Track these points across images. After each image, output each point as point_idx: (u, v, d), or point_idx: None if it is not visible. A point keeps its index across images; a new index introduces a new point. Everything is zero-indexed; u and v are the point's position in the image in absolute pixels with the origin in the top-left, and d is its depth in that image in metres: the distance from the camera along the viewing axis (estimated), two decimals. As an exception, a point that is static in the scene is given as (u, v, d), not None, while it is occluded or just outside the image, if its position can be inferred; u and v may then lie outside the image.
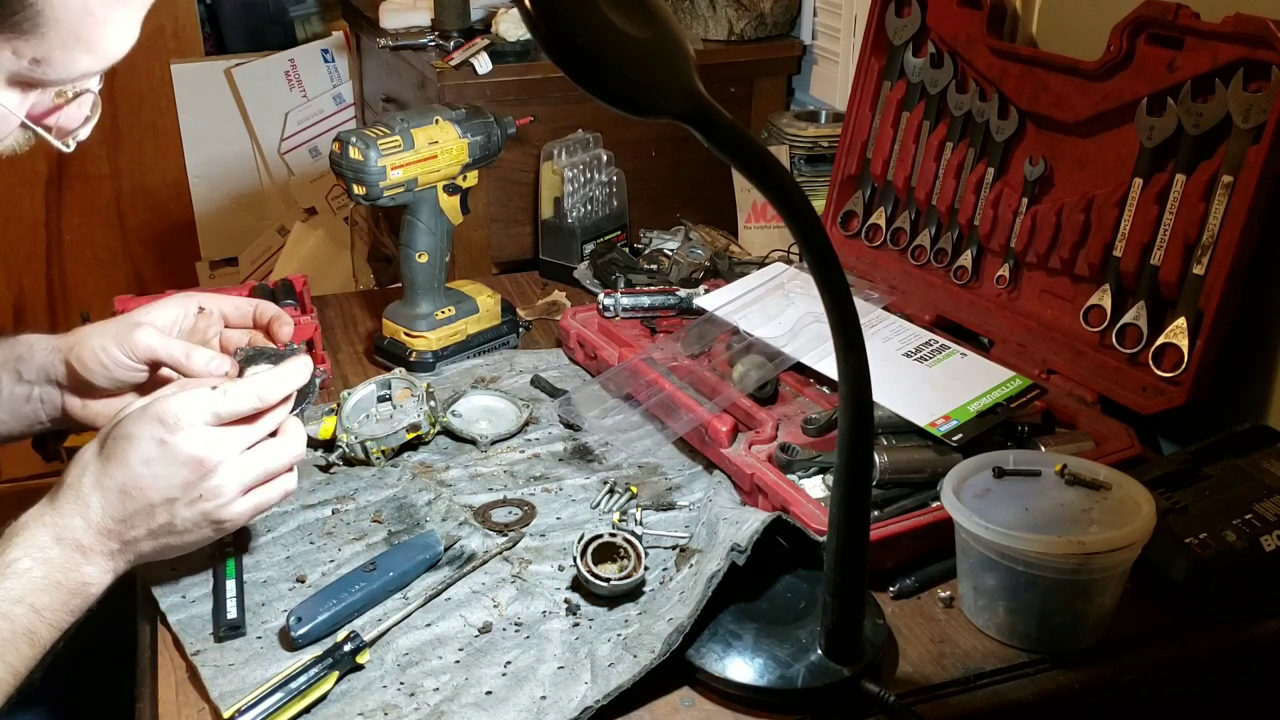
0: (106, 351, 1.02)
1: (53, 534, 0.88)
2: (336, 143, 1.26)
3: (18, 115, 0.85)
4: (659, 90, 0.68)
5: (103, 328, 1.05)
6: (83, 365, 1.03)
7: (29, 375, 1.06)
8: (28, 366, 1.06)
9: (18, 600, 0.85)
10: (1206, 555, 0.92)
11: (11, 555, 0.86)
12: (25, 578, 0.86)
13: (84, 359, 1.03)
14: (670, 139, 1.91)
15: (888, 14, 1.44)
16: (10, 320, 2.93)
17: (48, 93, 0.86)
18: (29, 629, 0.85)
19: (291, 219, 2.94)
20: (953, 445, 1.05)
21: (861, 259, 1.49)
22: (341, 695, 0.87)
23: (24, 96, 0.85)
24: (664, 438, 1.19)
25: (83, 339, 1.04)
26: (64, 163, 2.88)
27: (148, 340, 1.02)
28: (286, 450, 0.95)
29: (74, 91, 0.87)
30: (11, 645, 0.84)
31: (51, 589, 0.86)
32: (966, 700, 0.87)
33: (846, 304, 0.74)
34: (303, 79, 2.92)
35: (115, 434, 0.91)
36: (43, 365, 1.05)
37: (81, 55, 0.83)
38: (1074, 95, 1.23)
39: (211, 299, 1.10)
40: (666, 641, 0.86)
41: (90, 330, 1.05)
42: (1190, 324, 1.12)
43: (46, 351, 1.05)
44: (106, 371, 1.03)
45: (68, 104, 0.88)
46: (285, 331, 1.08)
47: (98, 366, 1.03)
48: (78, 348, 1.03)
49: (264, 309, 1.10)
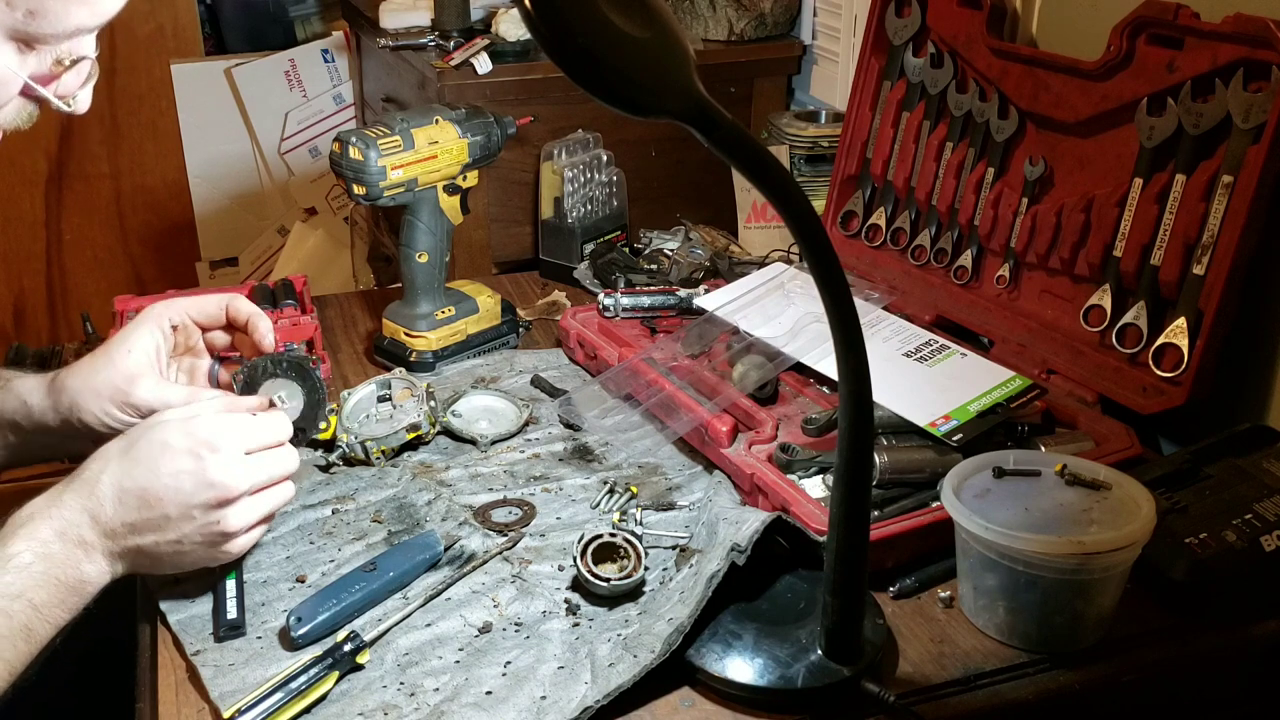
0: (109, 414, 1.02)
1: (56, 528, 0.88)
2: (336, 143, 1.26)
3: (20, 75, 0.85)
4: (659, 90, 0.68)
5: (93, 383, 1.02)
6: (85, 427, 1.02)
7: (30, 427, 1.06)
8: (27, 420, 1.05)
9: (16, 595, 0.84)
10: (1206, 555, 0.92)
11: (13, 548, 0.86)
12: (26, 572, 0.85)
13: (86, 423, 1.02)
14: (670, 139, 1.91)
15: (888, 14, 1.44)
16: (10, 320, 2.94)
17: (45, 60, 0.86)
18: (26, 625, 0.85)
19: (291, 219, 2.94)
20: (953, 445, 1.05)
21: (861, 259, 1.49)
22: (341, 695, 0.87)
23: (22, 57, 0.85)
24: (664, 438, 1.19)
25: (77, 400, 1.02)
26: (64, 163, 2.88)
27: (147, 398, 1.01)
28: (288, 490, 0.97)
29: (71, 59, 0.87)
30: (8, 641, 0.84)
31: (50, 585, 0.86)
32: (966, 700, 0.87)
33: (846, 304, 0.74)
34: (303, 79, 2.92)
35: (149, 438, 0.91)
36: (40, 420, 1.04)
37: (76, 7, 0.84)
38: (1074, 95, 1.23)
39: (179, 309, 1.08)
40: (666, 641, 0.86)
41: (82, 389, 1.02)
42: (1190, 324, 1.12)
43: (41, 408, 1.04)
44: (109, 429, 1.02)
45: (66, 71, 0.88)
46: (263, 329, 1.07)
47: (101, 428, 1.02)
48: (77, 411, 1.02)
49: (237, 307, 1.08)
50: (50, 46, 0.86)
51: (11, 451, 1.08)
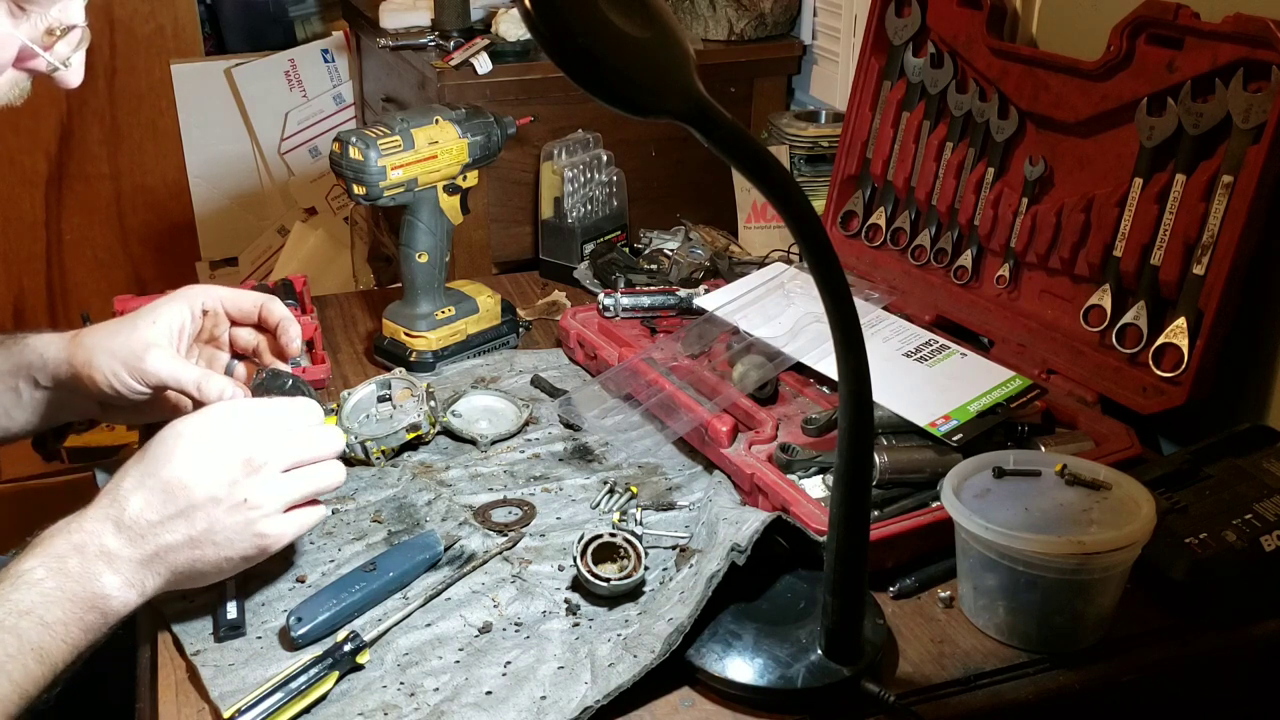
0: (118, 377, 1.03)
1: (75, 542, 0.85)
2: (336, 143, 1.26)
3: (16, 35, 0.86)
4: (659, 90, 0.68)
5: (111, 343, 1.03)
6: (94, 384, 1.03)
7: (46, 381, 1.07)
8: (43, 373, 1.07)
9: (25, 612, 0.81)
10: (1206, 555, 0.92)
11: (27, 564, 0.84)
12: (37, 589, 0.82)
13: (95, 380, 1.03)
14: (670, 139, 1.91)
15: (888, 14, 1.44)
16: (10, 320, 2.93)
17: (37, 28, 0.88)
18: (38, 645, 0.81)
19: (291, 219, 2.94)
20: (953, 445, 1.05)
21: (861, 259, 1.49)
22: (341, 695, 0.87)
23: (15, 20, 0.87)
24: (664, 438, 1.19)
25: (92, 357, 1.03)
26: (64, 163, 2.88)
27: (158, 369, 1.02)
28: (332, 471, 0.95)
29: (61, 27, 0.89)
30: (17, 661, 0.80)
31: (65, 602, 0.83)
32: (966, 700, 0.87)
33: (846, 304, 0.74)
34: (303, 79, 2.92)
35: (162, 435, 0.91)
36: (55, 373, 1.06)
37: None
38: (1074, 95, 1.23)
39: (215, 295, 1.09)
40: (666, 641, 0.86)
41: (99, 346, 1.04)
42: (1190, 324, 1.12)
43: (57, 360, 1.06)
44: (117, 395, 1.04)
45: (58, 41, 0.90)
46: (293, 334, 1.08)
47: (109, 389, 1.03)
48: (89, 368, 1.03)
49: (270, 309, 1.09)
50: (41, 10, 0.88)
51: (28, 409, 1.09)
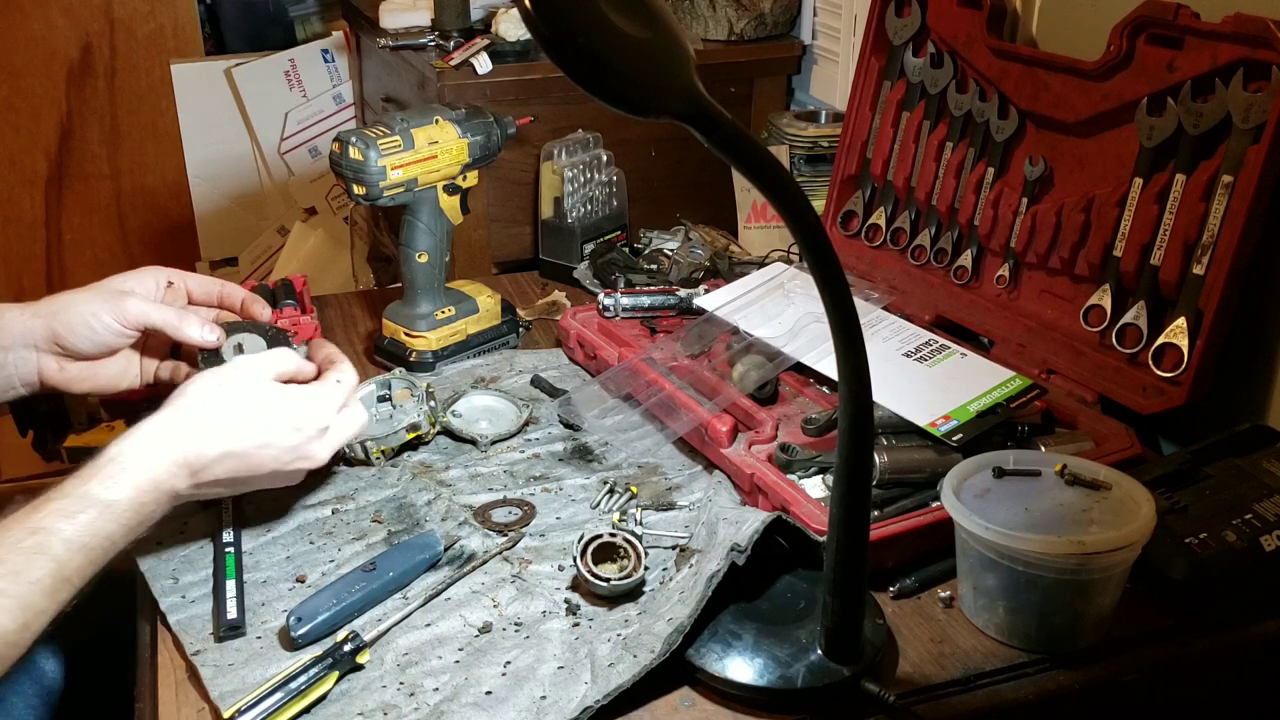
0: (97, 318, 1.05)
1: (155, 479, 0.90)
2: (336, 143, 1.26)
3: None
4: (659, 90, 0.68)
5: (87, 295, 1.07)
6: (70, 330, 1.05)
7: (2, 341, 1.07)
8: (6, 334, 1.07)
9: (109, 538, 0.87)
10: (1206, 555, 0.93)
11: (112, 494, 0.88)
12: (119, 521, 0.88)
13: (72, 324, 1.05)
14: (670, 139, 1.91)
15: (888, 14, 1.44)
16: (10, 320, 2.93)
17: None
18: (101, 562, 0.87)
19: (291, 219, 2.94)
20: (953, 445, 1.05)
21: (861, 259, 1.49)
22: (341, 695, 0.87)
23: None
24: (664, 438, 1.19)
25: (67, 305, 1.06)
26: (64, 163, 2.88)
27: (140, 308, 1.06)
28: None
29: None
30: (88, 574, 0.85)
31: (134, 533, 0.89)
32: (966, 700, 0.87)
33: (846, 304, 0.74)
34: (303, 79, 2.92)
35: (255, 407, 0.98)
36: (17, 331, 1.07)
37: None
38: (1074, 95, 1.23)
39: (179, 275, 1.14)
40: (666, 641, 0.86)
41: (73, 297, 1.07)
42: (1190, 324, 1.12)
43: (21, 317, 1.07)
44: (95, 337, 1.06)
45: None
46: (258, 310, 1.13)
47: (86, 331, 1.05)
48: (63, 314, 1.05)
49: (230, 291, 1.14)
50: None
51: None
